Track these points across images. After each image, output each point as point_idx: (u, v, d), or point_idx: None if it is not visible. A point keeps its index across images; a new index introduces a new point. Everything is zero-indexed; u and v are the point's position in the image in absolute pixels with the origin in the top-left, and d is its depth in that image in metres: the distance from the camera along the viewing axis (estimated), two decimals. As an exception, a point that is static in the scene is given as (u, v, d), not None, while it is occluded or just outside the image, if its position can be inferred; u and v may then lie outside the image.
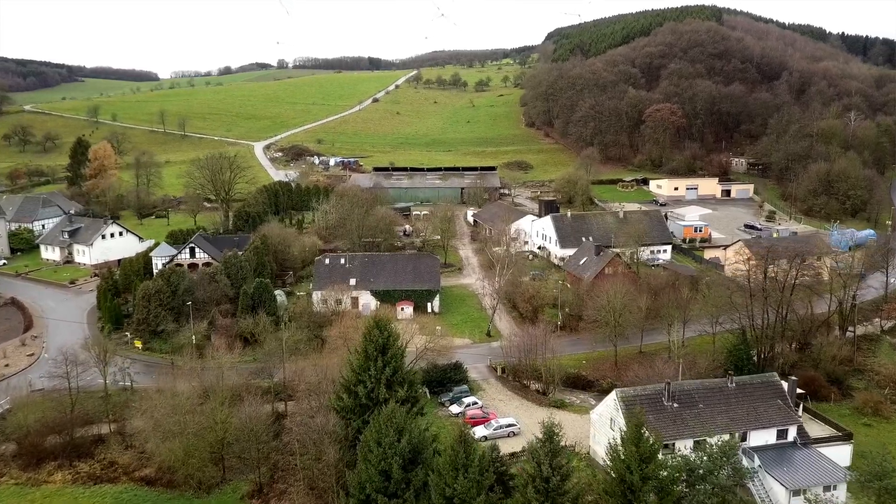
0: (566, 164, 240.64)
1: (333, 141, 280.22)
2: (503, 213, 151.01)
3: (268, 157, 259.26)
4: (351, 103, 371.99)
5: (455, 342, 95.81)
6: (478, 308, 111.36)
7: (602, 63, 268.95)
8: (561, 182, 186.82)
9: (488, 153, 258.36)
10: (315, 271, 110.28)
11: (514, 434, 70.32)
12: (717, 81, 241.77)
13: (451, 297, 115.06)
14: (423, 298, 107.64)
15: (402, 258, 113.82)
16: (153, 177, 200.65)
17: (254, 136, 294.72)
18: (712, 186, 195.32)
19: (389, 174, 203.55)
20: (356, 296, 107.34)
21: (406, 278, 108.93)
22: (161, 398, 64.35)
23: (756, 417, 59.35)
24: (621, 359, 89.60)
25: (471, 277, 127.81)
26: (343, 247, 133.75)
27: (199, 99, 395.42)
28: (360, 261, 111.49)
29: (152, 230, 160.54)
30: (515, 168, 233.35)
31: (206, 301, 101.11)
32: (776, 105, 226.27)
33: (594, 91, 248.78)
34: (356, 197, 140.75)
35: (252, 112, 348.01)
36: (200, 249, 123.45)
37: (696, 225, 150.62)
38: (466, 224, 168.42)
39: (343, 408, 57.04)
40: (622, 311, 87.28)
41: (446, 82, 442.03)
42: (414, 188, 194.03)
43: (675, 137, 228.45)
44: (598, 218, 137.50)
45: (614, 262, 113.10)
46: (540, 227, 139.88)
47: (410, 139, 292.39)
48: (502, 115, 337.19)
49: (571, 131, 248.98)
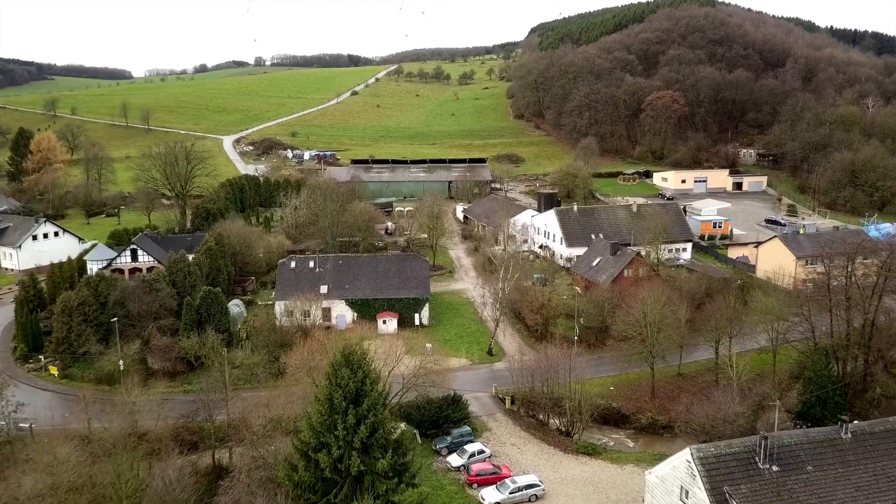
0: (560, 156, 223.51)
1: (309, 134, 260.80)
2: (498, 209, 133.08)
3: (237, 151, 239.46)
4: (328, 96, 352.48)
5: (450, 363, 77.81)
6: (475, 319, 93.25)
7: (596, 50, 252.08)
8: (558, 175, 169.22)
9: (476, 146, 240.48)
10: (278, 277, 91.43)
11: (537, 497, 52.29)
12: (719, 68, 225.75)
13: (443, 307, 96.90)
14: (409, 309, 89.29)
15: (383, 261, 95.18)
16: (106, 172, 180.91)
17: (223, 130, 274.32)
18: (722, 179, 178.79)
19: (369, 167, 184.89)
20: (328, 306, 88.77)
21: (389, 285, 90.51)
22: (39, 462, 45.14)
23: (890, 485, 42.03)
24: (658, 383, 72.03)
25: (464, 282, 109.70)
26: (315, 247, 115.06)
27: (166, 92, 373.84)
28: (332, 264, 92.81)
29: (100, 230, 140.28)
30: (506, 161, 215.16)
31: (143, 315, 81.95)
32: (785, 92, 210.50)
33: (588, 79, 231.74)
34: (330, 191, 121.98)
35: (223, 105, 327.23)
36: (144, 252, 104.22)
37: (716, 220, 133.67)
38: (456, 221, 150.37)
39: (298, 483, 38.63)
40: (661, 325, 69.60)
41: (429, 75, 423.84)
42: (396, 182, 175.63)
43: (676, 128, 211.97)
44: (609, 213, 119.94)
45: (636, 262, 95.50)
46: (541, 224, 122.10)
47: (392, 132, 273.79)
48: (488, 107, 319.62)
49: (565, 122, 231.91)
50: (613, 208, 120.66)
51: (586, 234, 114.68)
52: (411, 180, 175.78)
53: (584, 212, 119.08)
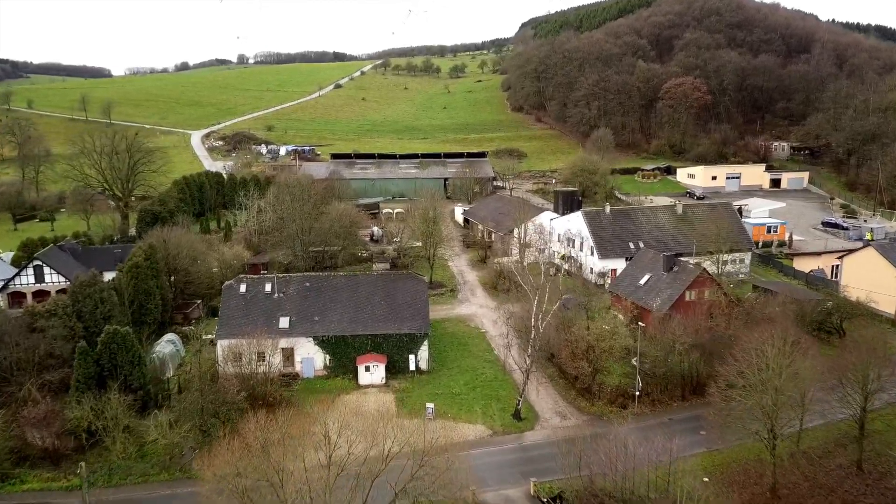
0: (566, 151, 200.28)
1: (287, 128, 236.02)
2: (508, 210, 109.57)
3: (206, 146, 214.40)
4: (310, 90, 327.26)
5: (462, 432, 54.26)
6: (489, 359, 69.45)
7: (603, 34, 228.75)
8: (571, 171, 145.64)
9: (472, 140, 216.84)
10: (222, 306, 66.96)
11: None
12: (741, 53, 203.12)
13: (446, 341, 73.12)
14: (402, 349, 65.34)
15: (366, 282, 70.66)
16: (46, 170, 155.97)
17: (193, 125, 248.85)
18: (758, 175, 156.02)
19: (352, 162, 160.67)
20: (290, 346, 64.69)
21: (374, 315, 66.45)
22: None
23: None
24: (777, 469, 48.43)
25: (471, 304, 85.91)
26: (283, 259, 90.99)
27: (136, 85, 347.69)
28: (297, 287, 68.50)
29: (26, 239, 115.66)
30: (506, 156, 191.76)
31: (22, 365, 57.61)
32: (820, 78, 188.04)
33: (597, 66, 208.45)
34: (300, 189, 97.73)
35: (195, 99, 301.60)
36: (53, 270, 79.68)
37: (770, 223, 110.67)
38: (455, 224, 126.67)
39: None
40: (784, 380, 46.15)
41: (417, 68, 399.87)
42: (384, 179, 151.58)
43: (696, 119, 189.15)
44: (648, 215, 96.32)
45: (701, 282, 72.10)
46: (564, 229, 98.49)
47: (379, 126, 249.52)
48: (483, 100, 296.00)
49: (570, 114, 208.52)
50: (653, 210, 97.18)
51: (622, 243, 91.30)
52: (401, 177, 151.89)
53: (619, 214, 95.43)
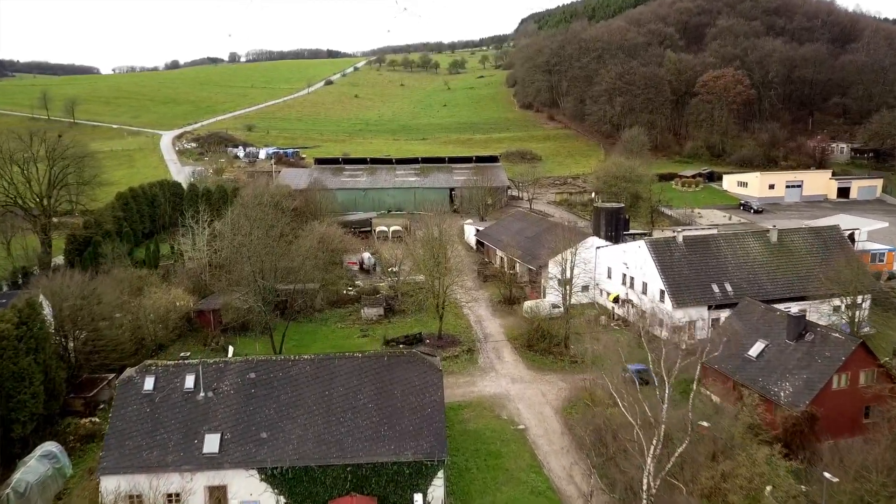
0: (585, 152, 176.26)
1: (270, 128, 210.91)
2: (535, 232, 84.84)
3: (176, 148, 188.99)
4: (299, 86, 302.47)
5: None
6: (539, 487, 44.46)
7: (624, 22, 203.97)
8: (603, 179, 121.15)
9: (477, 142, 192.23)
10: (113, 416, 41.71)
11: None
12: (785, 42, 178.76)
13: (466, 448, 48.26)
14: (401, 487, 40.32)
15: (345, 370, 44.51)
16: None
17: (167, 124, 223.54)
18: (823, 183, 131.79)
19: (339, 168, 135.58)
20: (221, 482, 39.69)
21: (357, 429, 41.31)
22: None
23: None
24: None
25: (498, 374, 61.05)
26: (240, 304, 65.68)
27: (109, 82, 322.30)
28: (235, 380, 43.24)
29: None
30: (517, 159, 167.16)
31: None
32: (880, 69, 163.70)
33: (619, 56, 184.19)
34: (263, 211, 72.50)
35: (172, 96, 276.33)
36: None
37: (875, 250, 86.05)
38: (465, 247, 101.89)
39: None
40: None
41: (414, 64, 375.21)
42: (377, 189, 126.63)
43: (736, 117, 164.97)
44: (733, 245, 71.33)
45: (858, 361, 47.44)
46: (618, 263, 73.67)
47: (373, 125, 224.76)
48: (486, 97, 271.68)
49: (589, 111, 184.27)
50: (739, 239, 72.39)
51: (703, 284, 66.59)
52: (398, 186, 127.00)
53: (695, 244, 70.45)
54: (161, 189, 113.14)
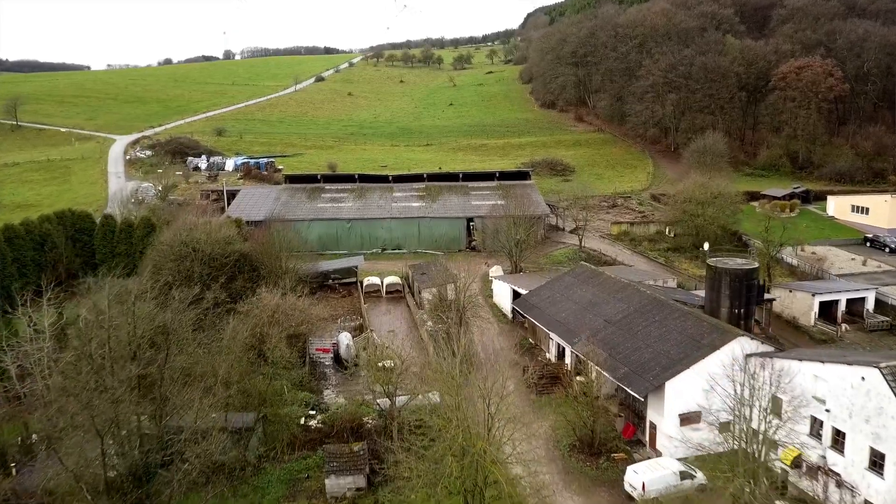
0: (628, 162, 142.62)
1: (244, 131, 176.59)
2: (624, 311, 50.63)
3: (128, 157, 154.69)
4: (286, 84, 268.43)
5: None
6: None
7: (669, 4, 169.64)
8: (681, 205, 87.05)
9: (492, 148, 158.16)
10: None
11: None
12: (881, 24, 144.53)
13: None
14: None
15: None
16: None
17: (126, 127, 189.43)
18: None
19: (317, 188, 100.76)
20: None
21: None
22: None
23: None
24: None
25: None
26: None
27: (70, 79, 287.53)
28: None
29: None
30: (545, 171, 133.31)
31: None
32: None
33: (667, 44, 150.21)
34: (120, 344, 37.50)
35: (140, 94, 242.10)
36: None
37: None
38: (497, 315, 67.24)
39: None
40: None
41: (415, 59, 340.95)
42: (367, 220, 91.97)
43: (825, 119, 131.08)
44: None
45: None
46: (804, 393, 39.28)
47: (367, 127, 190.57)
48: (498, 94, 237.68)
49: (631, 111, 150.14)
50: None
51: None
52: (395, 216, 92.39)
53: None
54: (59, 224, 78.93)
